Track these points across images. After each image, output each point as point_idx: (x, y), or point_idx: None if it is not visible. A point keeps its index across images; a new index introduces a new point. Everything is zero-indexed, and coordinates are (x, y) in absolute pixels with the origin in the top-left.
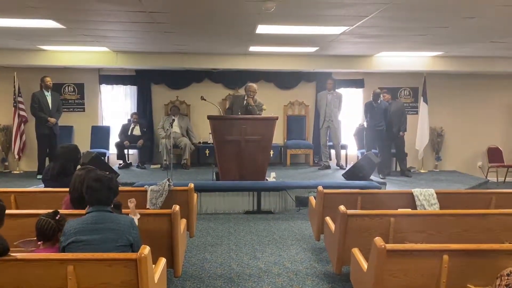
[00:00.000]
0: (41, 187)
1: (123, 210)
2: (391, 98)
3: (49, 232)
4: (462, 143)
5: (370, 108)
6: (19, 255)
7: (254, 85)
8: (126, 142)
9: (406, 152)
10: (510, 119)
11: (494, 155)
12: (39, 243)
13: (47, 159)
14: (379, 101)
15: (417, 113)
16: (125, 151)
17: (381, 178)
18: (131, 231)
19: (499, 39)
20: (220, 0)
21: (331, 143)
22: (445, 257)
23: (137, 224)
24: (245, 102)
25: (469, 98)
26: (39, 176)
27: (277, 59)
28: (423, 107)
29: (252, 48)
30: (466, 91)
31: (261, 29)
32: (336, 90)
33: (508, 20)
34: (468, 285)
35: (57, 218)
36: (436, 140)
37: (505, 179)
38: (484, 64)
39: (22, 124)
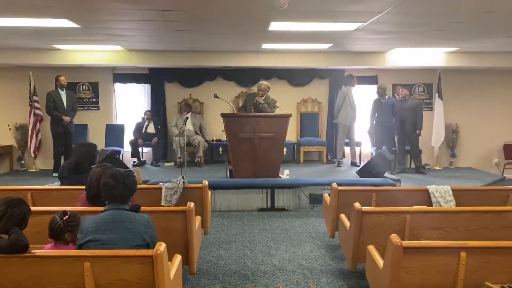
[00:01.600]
0: (57, 185)
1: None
2: (408, 94)
3: (56, 232)
4: (477, 139)
5: (378, 105)
6: (37, 252)
7: (264, 84)
8: (139, 141)
9: (420, 149)
10: None
11: (510, 151)
12: (49, 239)
13: (62, 157)
14: (386, 97)
15: (431, 109)
16: (139, 149)
17: (391, 174)
18: (147, 231)
19: None
20: None
21: (347, 141)
22: (463, 254)
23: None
24: (255, 100)
25: (485, 94)
26: (55, 174)
27: (290, 56)
28: (438, 104)
29: (265, 46)
30: (481, 87)
31: (274, 26)
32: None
33: None
34: (486, 282)
35: (64, 218)
36: (451, 137)
37: None
38: (500, 60)
39: (38, 123)
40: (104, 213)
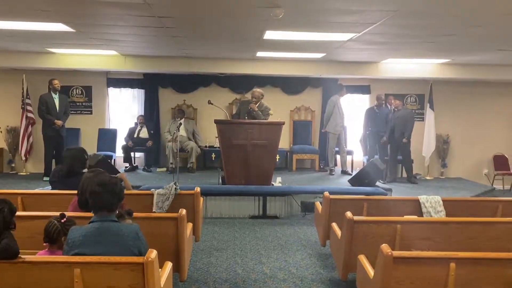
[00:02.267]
0: (47, 189)
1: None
2: (401, 104)
3: (53, 235)
4: (468, 150)
5: (372, 114)
6: (27, 257)
7: (257, 91)
8: (129, 143)
9: (412, 159)
10: None
11: (500, 162)
12: (44, 244)
13: (53, 161)
14: (382, 107)
15: (423, 119)
16: (132, 154)
17: (382, 183)
18: (136, 243)
19: (507, 47)
20: (229, 6)
21: (336, 149)
22: (452, 265)
23: None
24: (249, 107)
25: (475, 105)
26: (46, 178)
27: (284, 64)
28: (429, 114)
29: (260, 53)
30: (472, 99)
31: (269, 34)
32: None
33: None
34: None
35: (63, 221)
36: (442, 147)
37: (511, 187)
38: (491, 72)
39: (30, 126)
40: (91, 225)
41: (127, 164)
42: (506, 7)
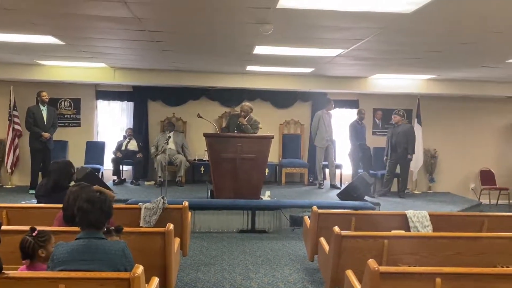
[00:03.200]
0: (33, 203)
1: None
2: (401, 120)
3: (28, 250)
4: (455, 165)
5: (355, 128)
6: (11, 273)
7: (246, 105)
8: (118, 154)
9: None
10: (501, 142)
11: (486, 177)
12: (23, 261)
13: (40, 174)
14: (363, 121)
15: None
16: (120, 166)
17: (372, 197)
18: (122, 261)
19: (491, 64)
20: (219, 21)
21: (325, 163)
22: (438, 280)
23: None
24: (238, 121)
25: (462, 120)
26: (32, 191)
27: (273, 78)
28: (417, 129)
29: (249, 68)
30: (459, 114)
31: (259, 49)
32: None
33: (498, 46)
34: None
35: (34, 234)
36: (430, 162)
37: (497, 201)
38: (476, 88)
39: (16, 138)
40: (77, 241)
41: (115, 177)
42: (490, 25)
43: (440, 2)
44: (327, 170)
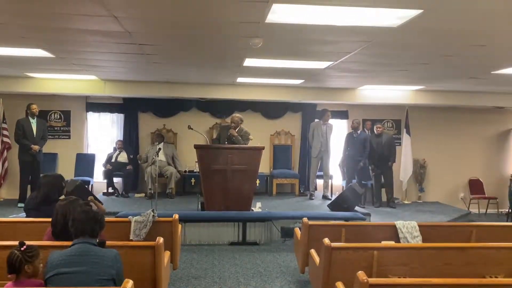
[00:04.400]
0: (22, 216)
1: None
2: (382, 130)
3: (15, 264)
4: (444, 174)
5: (350, 139)
6: None
7: (236, 116)
8: (108, 166)
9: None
10: (489, 151)
11: (475, 187)
12: (9, 276)
13: (29, 186)
14: (358, 132)
15: (400, 144)
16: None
17: (361, 207)
18: (114, 265)
19: (478, 76)
20: (209, 35)
21: (319, 173)
22: None
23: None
24: (229, 133)
25: (451, 130)
26: (20, 204)
27: (264, 89)
28: (406, 139)
29: (240, 79)
30: (447, 124)
31: (249, 62)
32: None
33: (482, 58)
34: None
35: (22, 249)
36: (419, 172)
37: (486, 210)
38: (464, 98)
39: (5, 151)
40: (71, 247)
41: (111, 189)
42: (472, 39)
43: (424, 17)
44: (319, 181)
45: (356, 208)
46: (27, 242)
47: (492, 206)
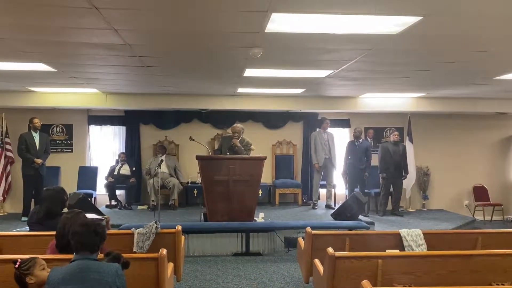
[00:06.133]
0: (25, 230)
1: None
2: (398, 137)
3: (18, 281)
4: (448, 181)
5: (351, 147)
6: None
7: (238, 126)
8: (109, 179)
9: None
10: (493, 158)
11: (480, 193)
12: None
13: (32, 200)
14: (360, 140)
15: None
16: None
17: (365, 216)
18: (116, 281)
19: (479, 82)
20: (209, 46)
21: (322, 183)
22: None
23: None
24: (231, 143)
25: (453, 137)
26: (24, 218)
27: (265, 99)
28: (408, 147)
29: (241, 90)
30: (450, 131)
31: (249, 72)
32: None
33: (483, 64)
34: None
35: (16, 266)
36: (423, 179)
37: (491, 217)
38: (466, 105)
39: (9, 165)
40: (71, 264)
41: (113, 201)
42: (473, 45)
43: (424, 23)
44: (322, 190)
45: (360, 217)
46: (31, 256)
47: (497, 213)
